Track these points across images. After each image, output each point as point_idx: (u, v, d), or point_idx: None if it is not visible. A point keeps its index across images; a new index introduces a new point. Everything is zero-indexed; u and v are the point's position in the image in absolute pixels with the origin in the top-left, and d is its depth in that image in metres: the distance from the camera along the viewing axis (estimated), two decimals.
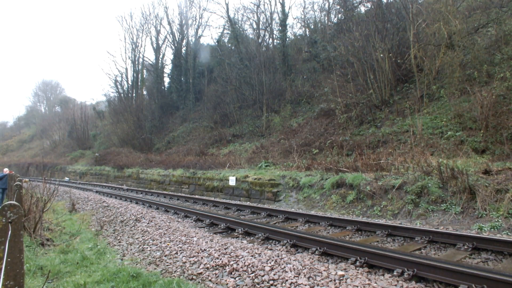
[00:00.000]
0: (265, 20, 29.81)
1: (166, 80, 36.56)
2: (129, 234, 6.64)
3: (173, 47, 34.85)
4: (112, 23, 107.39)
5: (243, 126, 23.19)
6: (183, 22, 34.71)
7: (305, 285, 3.48)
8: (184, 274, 4.18)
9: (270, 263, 4.13)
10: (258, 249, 4.83)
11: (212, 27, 63.23)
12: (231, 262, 4.30)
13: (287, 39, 25.89)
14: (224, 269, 4.15)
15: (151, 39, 37.40)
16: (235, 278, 3.87)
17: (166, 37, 36.27)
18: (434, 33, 13.69)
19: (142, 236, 6.31)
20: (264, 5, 49.49)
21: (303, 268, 3.88)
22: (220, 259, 4.47)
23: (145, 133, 31.25)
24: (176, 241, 5.69)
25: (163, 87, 36.12)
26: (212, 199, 12.66)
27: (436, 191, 7.25)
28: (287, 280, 3.60)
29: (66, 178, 30.73)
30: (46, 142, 50.66)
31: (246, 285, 3.64)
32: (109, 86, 64.91)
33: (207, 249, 4.94)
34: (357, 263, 4.07)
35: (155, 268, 4.52)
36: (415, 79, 14.61)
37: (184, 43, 34.62)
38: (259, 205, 10.41)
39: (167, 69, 36.88)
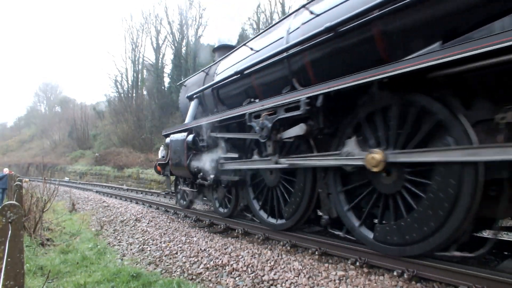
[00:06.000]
0: (265, 20, 29.79)
1: (166, 80, 36.56)
2: (129, 234, 6.64)
3: (173, 47, 34.84)
4: (112, 23, 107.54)
5: None
6: (183, 22, 34.73)
7: (305, 285, 3.48)
8: (184, 274, 4.18)
9: (270, 263, 4.13)
10: (258, 249, 4.84)
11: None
12: (231, 262, 4.30)
13: None
14: (224, 269, 4.15)
15: (151, 39, 37.34)
16: (235, 278, 3.87)
17: (166, 37, 36.27)
18: None
19: (142, 236, 6.31)
20: (264, 5, 49.51)
21: (303, 268, 3.89)
22: (220, 259, 4.48)
23: (145, 133, 31.24)
24: (176, 241, 5.69)
25: (163, 87, 36.09)
26: None
27: None
28: (287, 280, 3.61)
29: (66, 178, 30.73)
30: (46, 142, 50.65)
31: (246, 285, 3.65)
32: (109, 86, 64.72)
33: (207, 249, 4.94)
34: (357, 263, 4.07)
35: (155, 268, 4.52)
36: None
37: (184, 43, 34.62)
38: None
39: (167, 69, 36.87)
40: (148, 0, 67.11)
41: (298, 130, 4.29)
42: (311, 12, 4.49)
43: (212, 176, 6.22)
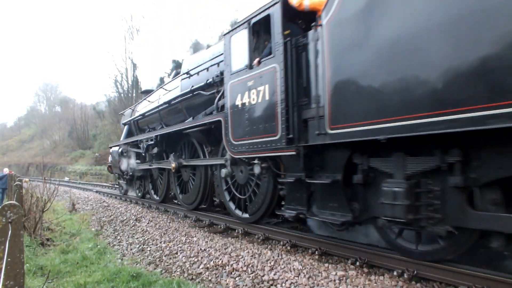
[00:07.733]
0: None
1: (166, 80, 36.47)
2: (129, 234, 6.65)
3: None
4: (112, 24, 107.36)
5: None
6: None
7: (305, 285, 3.48)
8: (184, 274, 4.18)
9: (270, 263, 4.13)
10: (258, 249, 4.84)
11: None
12: (231, 262, 4.30)
13: None
14: (224, 269, 4.15)
15: None
16: (235, 278, 3.87)
17: None
18: None
19: (142, 236, 6.32)
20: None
21: (303, 268, 3.89)
22: (220, 259, 4.48)
23: None
24: (176, 241, 5.69)
25: None
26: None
27: None
28: (287, 280, 3.61)
29: (66, 178, 30.72)
30: (46, 142, 50.64)
31: (246, 285, 3.65)
32: (109, 86, 64.45)
33: (207, 249, 4.94)
34: (357, 263, 4.07)
35: (155, 268, 4.53)
36: None
37: None
38: None
39: (167, 69, 36.80)
40: (148, 0, 66.97)
41: (156, 150, 8.90)
42: (165, 89, 9.01)
43: (131, 173, 10.71)
